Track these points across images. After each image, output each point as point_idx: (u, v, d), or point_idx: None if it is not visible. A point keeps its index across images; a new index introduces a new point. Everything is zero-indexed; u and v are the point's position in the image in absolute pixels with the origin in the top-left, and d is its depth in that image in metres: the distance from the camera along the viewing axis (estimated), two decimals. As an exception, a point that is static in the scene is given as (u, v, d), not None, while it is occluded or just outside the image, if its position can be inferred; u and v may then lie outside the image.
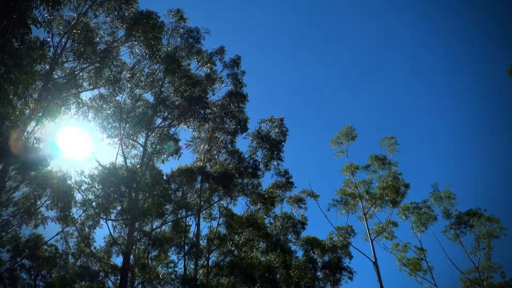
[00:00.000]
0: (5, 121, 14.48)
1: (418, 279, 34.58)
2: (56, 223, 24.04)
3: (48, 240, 27.28)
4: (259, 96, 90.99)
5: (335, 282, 30.47)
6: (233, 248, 27.77)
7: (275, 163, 29.53)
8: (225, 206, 27.96)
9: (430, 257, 35.26)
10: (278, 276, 28.29)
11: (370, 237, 34.18)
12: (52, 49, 20.03)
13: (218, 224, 27.59)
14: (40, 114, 19.32)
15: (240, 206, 45.12)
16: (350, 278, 30.79)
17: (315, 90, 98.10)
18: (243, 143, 58.58)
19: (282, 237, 32.28)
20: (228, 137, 28.87)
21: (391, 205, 35.48)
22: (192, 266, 26.02)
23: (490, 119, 79.65)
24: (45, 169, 21.62)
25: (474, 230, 35.39)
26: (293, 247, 32.08)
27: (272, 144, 28.48)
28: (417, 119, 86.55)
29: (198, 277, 25.24)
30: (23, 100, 13.87)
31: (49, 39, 18.87)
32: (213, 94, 29.02)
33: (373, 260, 32.34)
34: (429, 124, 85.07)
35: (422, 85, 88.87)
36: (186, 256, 25.31)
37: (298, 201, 35.22)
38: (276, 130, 29.53)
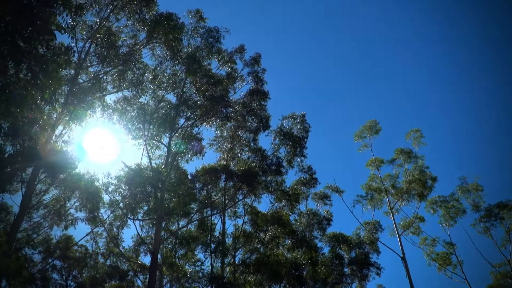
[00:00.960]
0: (34, 125, 14.90)
1: (447, 274, 33.93)
2: (85, 224, 24.62)
3: (78, 241, 27.89)
4: (280, 93, 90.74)
5: (362, 278, 30.20)
6: (259, 246, 27.83)
7: (298, 159, 29.47)
8: (249, 204, 28.05)
9: (459, 251, 34.53)
10: (304, 272, 28.22)
11: (398, 232, 33.72)
12: (76, 54, 20.55)
13: (243, 222, 27.72)
14: (67, 118, 19.82)
15: (265, 204, 45.25)
16: (378, 274, 30.48)
17: (336, 85, 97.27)
18: (266, 141, 58.54)
19: (307, 233, 32.19)
20: (251, 135, 28.91)
21: (418, 199, 34.91)
22: (219, 264, 26.22)
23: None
24: (73, 171, 22.17)
25: (504, 223, 34.41)
26: (319, 244, 31.99)
27: (295, 141, 28.36)
28: (439, 111, 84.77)
29: (225, 275, 25.43)
30: (50, 105, 14.21)
31: (73, 45, 19.36)
32: (235, 93, 29.11)
33: (401, 255, 31.92)
34: (451, 116, 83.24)
35: (442, 77, 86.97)
36: (212, 254, 25.52)
37: (323, 197, 35.05)
38: (298, 126, 29.40)
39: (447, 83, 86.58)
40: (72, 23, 17.29)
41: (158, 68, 25.49)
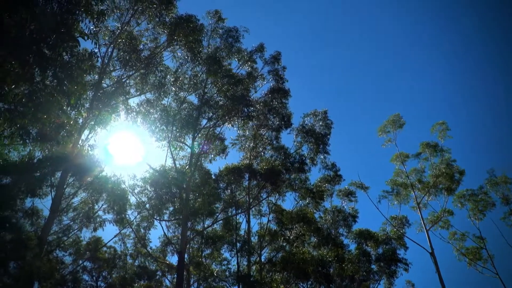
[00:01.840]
0: (61, 130, 15.25)
1: (478, 269, 33.13)
2: (113, 226, 25.08)
3: (107, 242, 28.47)
4: (301, 90, 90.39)
5: (390, 275, 29.80)
6: (284, 244, 27.83)
7: (322, 156, 29.25)
8: (274, 202, 28.08)
9: (490, 245, 33.62)
10: (331, 270, 28.06)
11: (425, 227, 33.16)
12: (100, 60, 20.96)
13: (268, 221, 27.78)
14: (93, 122, 20.24)
15: (289, 202, 45.21)
16: (406, 270, 30.00)
17: (356, 80, 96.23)
18: (288, 139, 58.51)
19: (333, 231, 31.99)
20: (273, 133, 28.91)
21: (445, 193, 34.21)
22: (245, 263, 26.33)
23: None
24: (100, 174, 22.62)
25: (536, 216, 33.39)
26: (345, 241, 31.71)
27: (317, 138, 28.19)
28: (463, 104, 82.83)
29: (251, 273, 25.52)
30: (76, 110, 14.54)
31: (96, 50, 19.65)
32: (255, 92, 29.13)
33: (430, 251, 31.40)
34: (476, 108, 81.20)
35: (466, 69, 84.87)
36: (238, 253, 25.65)
37: (348, 194, 34.77)
38: (320, 123, 29.23)
39: (470, 75, 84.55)
40: (94, 29, 17.58)
41: (179, 70, 25.75)
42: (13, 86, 13.04)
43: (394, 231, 32.52)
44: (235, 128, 28.28)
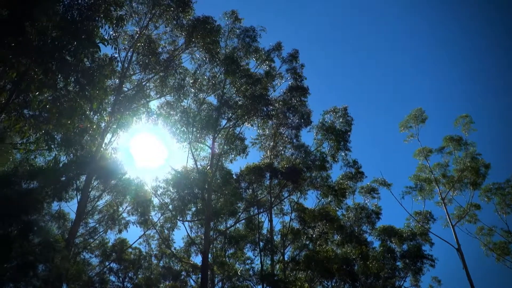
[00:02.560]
0: (85, 135, 15.56)
1: (507, 264, 32.39)
2: (137, 227, 25.45)
3: (132, 244, 28.84)
4: (320, 88, 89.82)
5: (416, 272, 29.40)
6: (307, 242, 27.72)
7: (343, 154, 29.09)
8: (295, 201, 28.00)
9: (518, 239, 32.86)
10: (355, 268, 27.83)
11: (451, 223, 32.59)
12: (120, 64, 21.30)
13: (291, 219, 27.69)
14: (115, 126, 20.59)
15: (311, 200, 44.99)
16: (432, 266, 29.57)
17: (375, 76, 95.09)
18: (308, 137, 58.34)
19: (356, 228, 31.71)
20: (293, 131, 28.84)
21: (471, 188, 33.55)
22: (269, 262, 26.35)
23: None
24: (124, 177, 23.01)
25: None
26: (369, 238, 31.42)
27: (338, 135, 28.00)
28: (486, 96, 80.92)
29: (275, 272, 25.52)
30: (98, 115, 14.82)
31: (116, 55, 20.06)
32: (274, 91, 29.09)
33: (456, 246, 30.84)
34: (499, 100, 79.18)
35: (489, 64, 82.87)
36: (261, 252, 25.67)
37: (371, 191, 34.41)
38: (341, 120, 29.04)
39: (493, 69, 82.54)
40: (114, 34, 17.97)
41: (198, 72, 25.95)
42: (37, 93, 13.38)
43: (419, 227, 32.06)
44: (254, 128, 28.38)
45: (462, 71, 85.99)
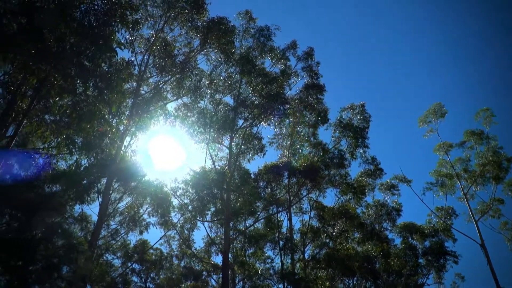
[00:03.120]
0: (104, 138, 15.81)
1: (533, 259, 31.62)
2: (156, 228, 25.73)
3: (153, 245, 29.14)
4: (336, 85, 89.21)
5: (439, 268, 28.94)
6: (327, 240, 27.59)
7: (361, 150, 28.83)
8: (314, 199, 27.87)
9: (544, 233, 32.08)
10: (377, 265, 27.58)
11: (474, 218, 31.98)
12: (137, 67, 21.55)
13: (310, 218, 27.58)
14: (133, 129, 20.84)
15: (330, 198, 44.60)
16: (456, 262, 29.04)
17: (393, 72, 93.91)
18: (326, 134, 57.93)
19: (377, 225, 31.40)
20: (310, 129, 28.73)
21: (494, 182, 32.86)
22: (289, 261, 26.31)
23: None
24: (143, 179, 23.30)
25: None
26: (390, 235, 31.06)
27: (356, 132, 27.79)
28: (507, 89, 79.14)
29: (296, 271, 25.48)
30: (117, 118, 15.07)
31: (133, 59, 20.34)
32: (290, 89, 29.04)
33: (480, 242, 30.27)
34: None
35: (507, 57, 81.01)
36: (281, 251, 25.65)
37: (390, 187, 33.99)
38: (358, 117, 28.82)
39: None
40: (130, 38, 18.17)
41: (214, 72, 26.07)
42: (58, 98, 13.66)
43: (441, 223, 31.56)
44: (271, 127, 28.38)
45: (482, 65, 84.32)
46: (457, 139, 35.61)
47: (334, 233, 27.22)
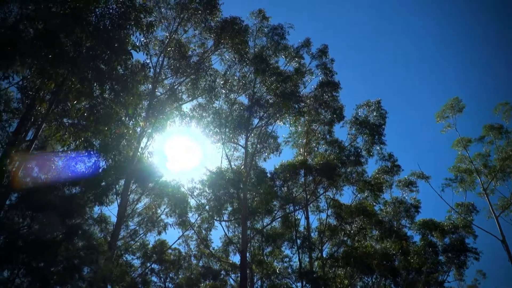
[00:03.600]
0: (121, 140, 15.99)
1: (555, 254, 30.86)
2: (174, 229, 25.92)
3: (172, 245, 29.34)
4: (350, 82, 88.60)
5: (460, 265, 28.49)
6: (345, 238, 27.44)
7: (378, 147, 28.58)
8: (331, 197, 27.74)
9: None
10: (396, 263, 27.30)
11: (494, 214, 31.43)
12: (152, 69, 21.75)
13: (327, 216, 27.48)
14: (150, 130, 21.05)
15: (347, 196, 44.57)
16: (477, 259, 28.50)
17: (408, 68, 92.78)
18: (341, 132, 57.66)
19: (395, 223, 31.08)
20: (325, 127, 28.59)
21: (514, 177, 32.24)
22: (307, 259, 26.26)
23: None
24: (160, 179, 23.51)
25: None
26: (409, 232, 30.69)
27: (372, 129, 27.55)
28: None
29: (314, 269, 25.40)
30: (133, 120, 15.24)
31: (148, 61, 20.52)
32: (305, 87, 28.93)
33: (501, 238, 29.74)
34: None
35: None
36: (299, 250, 25.61)
37: (408, 184, 33.57)
38: (374, 113, 28.55)
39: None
40: (145, 41, 18.40)
41: (228, 72, 26.12)
42: (75, 102, 13.87)
43: (461, 220, 31.07)
44: (286, 125, 28.32)
45: (500, 58, 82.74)
46: (476, 134, 35.01)
47: (352, 231, 27.06)
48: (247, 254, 24.83)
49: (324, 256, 26.73)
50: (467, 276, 29.81)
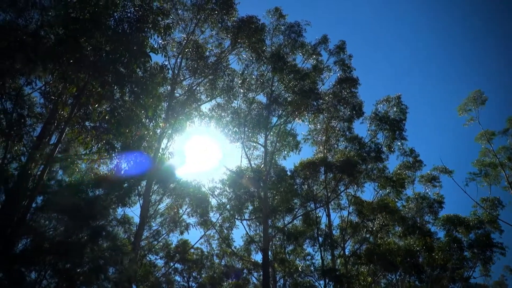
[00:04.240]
0: (142, 142, 16.19)
1: None
2: (196, 229, 26.10)
3: (194, 244, 29.55)
4: (368, 78, 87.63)
5: (486, 261, 27.92)
6: (367, 235, 27.20)
7: (399, 143, 28.29)
8: (352, 194, 27.53)
9: None
10: (420, 259, 26.90)
11: (521, 208, 30.66)
12: (170, 71, 21.92)
13: (349, 213, 27.29)
14: (170, 131, 21.25)
15: (368, 192, 44.16)
16: (503, 255, 27.88)
17: (427, 61, 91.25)
18: (361, 128, 57.23)
19: (418, 219, 30.66)
20: (345, 124, 28.36)
21: (540, 169, 31.42)
22: (329, 257, 26.13)
23: None
24: (181, 180, 23.69)
25: None
26: (432, 228, 30.23)
27: (392, 124, 27.25)
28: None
29: (336, 267, 25.26)
30: (154, 122, 15.40)
31: (166, 63, 20.68)
32: (323, 84, 28.76)
33: (528, 233, 29.02)
34: None
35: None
36: (321, 248, 25.50)
37: (431, 179, 33.08)
38: (394, 109, 28.26)
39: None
40: (162, 43, 18.53)
41: (246, 72, 26.13)
42: (96, 105, 14.10)
43: (486, 214, 30.41)
44: (305, 123, 28.25)
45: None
46: (500, 127, 34.19)
47: (374, 228, 26.80)
48: (269, 253, 24.84)
49: (347, 253, 26.56)
50: (494, 272, 29.25)
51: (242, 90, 26.33)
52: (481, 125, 34.81)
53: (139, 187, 21.67)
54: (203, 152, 26.43)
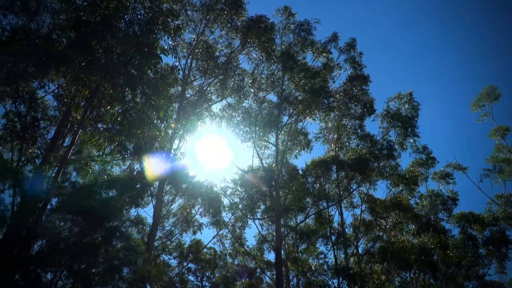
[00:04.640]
0: (154, 143, 16.29)
1: None
2: (209, 229, 26.19)
3: (207, 244, 29.67)
4: (379, 75, 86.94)
5: (501, 258, 27.59)
6: (381, 233, 27.04)
7: (411, 140, 28.08)
8: (365, 192, 27.38)
9: None
10: (434, 257, 26.67)
11: (537, 204, 30.21)
12: (181, 72, 22.07)
13: (361, 211, 27.14)
14: (181, 132, 21.38)
15: (381, 190, 43.92)
16: (519, 251, 27.58)
17: (438, 56, 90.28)
18: (373, 126, 56.88)
19: (432, 216, 30.37)
20: (356, 122, 28.22)
21: (556, 165, 30.92)
22: (342, 256, 26.03)
23: None
24: (193, 180, 23.79)
25: None
26: (447, 226, 29.93)
27: (404, 121, 27.04)
28: None
29: (349, 265, 25.15)
30: (165, 122, 15.48)
31: (177, 63, 20.84)
32: (333, 82, 28.69)
33: (545, 229, 28.55)
34: None
35: None
36: (334, 246, 25.41)
37: (445, 176, 32.72)
38: (406, 106, 28.05)
39: None
40: (173, 44, 18.65)
41: (256, 71, 26.17)
42: (109, 107, 14.23)
43: (502, 211, 30.02)
44: (316, 121, 28.21)
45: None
46: (514, 123, 33.74)
47: (387, 226, 26.64)
48: (282, 252, 24.83)
49: (360, 252, 26.43)
50: (509, 269, 28.89)
51: (252, 90, 26.36)
52: (495, 120, 34.39)
53: (151, 187, 21.81)
54: (214, 152, 26.53)
